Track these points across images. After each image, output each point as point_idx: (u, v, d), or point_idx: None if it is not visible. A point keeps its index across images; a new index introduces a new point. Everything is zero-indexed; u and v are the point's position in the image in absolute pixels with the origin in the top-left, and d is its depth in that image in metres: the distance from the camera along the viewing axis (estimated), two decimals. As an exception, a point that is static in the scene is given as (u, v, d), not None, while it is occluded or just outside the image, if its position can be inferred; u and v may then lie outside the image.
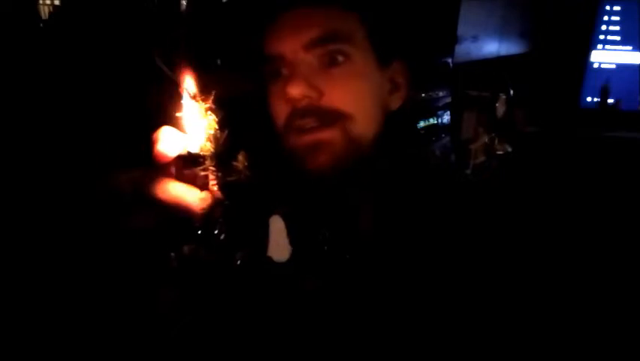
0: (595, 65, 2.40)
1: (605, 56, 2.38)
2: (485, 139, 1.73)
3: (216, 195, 0.42)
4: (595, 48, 2.38)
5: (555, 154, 2.09)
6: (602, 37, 2.37)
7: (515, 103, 1.88)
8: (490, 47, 1.93)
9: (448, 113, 1.51)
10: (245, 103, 0.63)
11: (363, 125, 0.59)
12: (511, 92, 1.84)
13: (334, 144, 0.57)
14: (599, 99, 2.38)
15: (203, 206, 0.40)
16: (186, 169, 0.41)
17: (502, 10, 1.95)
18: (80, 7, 0.97)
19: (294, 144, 0.59)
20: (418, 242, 0.58)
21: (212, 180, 0.42)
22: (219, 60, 1.00)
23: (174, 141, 0.40)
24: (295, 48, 0.56)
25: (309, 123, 0.57)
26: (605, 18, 2.35)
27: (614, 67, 2.37)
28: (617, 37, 2.35)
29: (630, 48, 2.34)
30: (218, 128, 0.42)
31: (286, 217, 0.57)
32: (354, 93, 0.58)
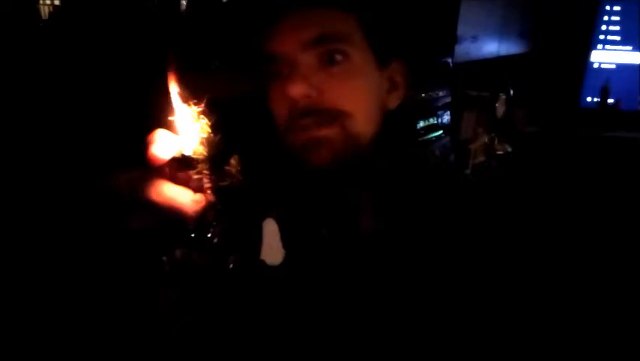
0: (595, 65, 2.39)
1: (605, 56, 2.38)
2: (485, 139, 1.73)
3: (210, 198, 0.42)
4: (595, 48, 2.38)
5: (555, 154, 2.09)
6: (602, 37, 2.36)
7: (515, 103, 1.87)
8: (490, 46, 1.93)
9: (447, 113, 1.51)
10: (240, 105, 0.63)
11: (362, 123, 0.59)
12: (511, 92, 1.84)
13: (334, 142, 0.58)
14: (599, 99, 2.37)
15: (196, 208, 0.40)
16: (180, 172, 0.41)
17: (502, 10, 1.95)
18: (80, 7, 0.97)
19: (294, 143, 0.59)
20: (417, 242, 0.58)
21: (206, 183, 0.42)
22: (219, 60, 1.00)
23: (168, 143, 0.40)
24: (295, 47, 0.57)
25: (309, 122, 0.57)
26: (605, 18, 2.35)
27: (614, 67, 2.37)
28: (617, 37, 2.35)
29: (630, 48, 2.34)
30: (210, 132, 0.42)
31: (280, 220, 0.57)
32: (353, 92, 0.59)
